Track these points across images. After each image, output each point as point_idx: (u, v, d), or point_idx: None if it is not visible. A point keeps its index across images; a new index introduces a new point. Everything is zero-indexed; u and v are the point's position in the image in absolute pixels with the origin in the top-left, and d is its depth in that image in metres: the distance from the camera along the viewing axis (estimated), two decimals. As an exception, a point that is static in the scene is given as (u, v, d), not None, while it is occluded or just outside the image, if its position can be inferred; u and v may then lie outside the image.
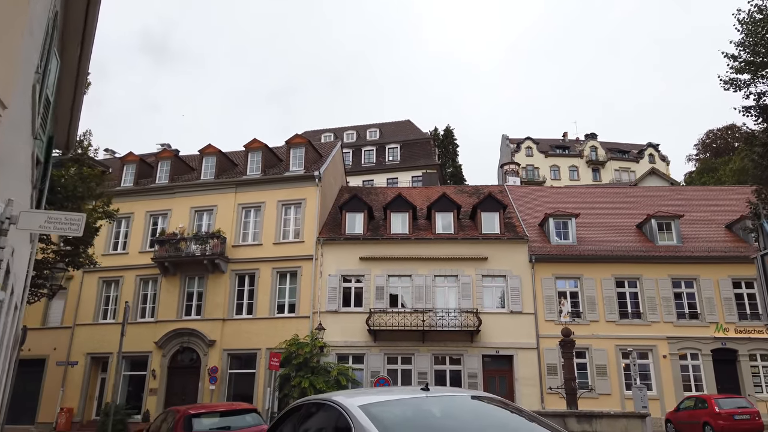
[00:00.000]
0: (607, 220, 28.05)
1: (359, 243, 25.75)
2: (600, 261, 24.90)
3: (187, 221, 27.21)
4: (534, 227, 27.25)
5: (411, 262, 25.30)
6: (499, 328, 24.12)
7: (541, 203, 29.02)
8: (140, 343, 25.84)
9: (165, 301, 26.27)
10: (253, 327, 25.17)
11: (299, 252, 25.77)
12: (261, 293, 25.60)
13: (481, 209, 26.25)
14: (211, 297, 25.85)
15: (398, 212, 26.48)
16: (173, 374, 25.48)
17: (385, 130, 53.76)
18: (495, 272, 25.02)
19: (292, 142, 27.98)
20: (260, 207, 26.94)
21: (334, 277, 25.28)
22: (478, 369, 23.75)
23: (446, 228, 26.15)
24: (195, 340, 25.38)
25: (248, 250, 26.36)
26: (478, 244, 25.47)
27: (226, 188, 27.45)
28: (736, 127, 56.23)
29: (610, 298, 24.40)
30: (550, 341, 23.30)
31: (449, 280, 25.24)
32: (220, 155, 28.74)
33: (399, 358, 24.34)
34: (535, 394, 23.29)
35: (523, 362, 23.73)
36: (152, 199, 28.24)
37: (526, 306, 24.42)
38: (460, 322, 23.71)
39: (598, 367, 23.50)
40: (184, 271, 26.43)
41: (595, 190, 32.53)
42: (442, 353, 24.17)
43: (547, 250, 25.31)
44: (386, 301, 24.86)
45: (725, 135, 57.60)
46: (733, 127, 56.56)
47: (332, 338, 24.37)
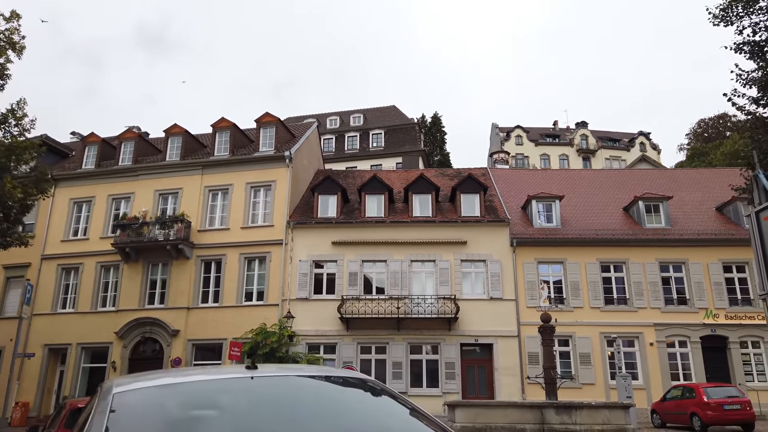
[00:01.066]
0: (593, 202, 26.81)
1: (332, 227, 24.39)
2: (585, 244, 23.67)
3: (150, 205, 25.73)
4: (517, 210, 25.99)
5: (386, 246, 23.98)
6: (479, 316, 22.88)
7: (525, 186, 27.73)
8: (101, 334, 24.45)
9: (127, 289, 24.83)
10: (219, 316, 23.80)
11: (268, 237, 24.38)
12: (228, 280, 24.22)
13: (460, 191, 24.93)
14: (175, 284, 24.44)
15: (373, 194, 25.10)
16: (135, 366, 24.03)
17: (369, 115, 52.30)
18: (474, 257, 23.74)
19: (262, 121, 26.50)
20: (228, 190, 25.50)
21: (305, 262, 23.92)
22: (456, 358, 22.50)
23: (424, 211, 24.82)
24: (158, 330, 23.98)
25: (215, 235, 24.94)
26: (457, 228, 24.17)
27: (192, 170, 25.97)
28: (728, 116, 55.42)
29: (594, 284, 23.19)
30: (532, 329, 21.99)
31: (426, 266, 23.94)
32: (187, 136, 27.24)
33: (373, 348, 23.06)
34: (515, 384, 22.10)
35: (504, 351, 22.52)
36: (114, 182, 26.73)
37: (507, 292, 23.18)
38: (437, 309, 22.45)
39: (581, 355, 22.32)
40: (146, 257, 24.99)
41: (582, 173, 31.29)
42: (419, 342, 22.91)
43: (529, 234, 24.06)
44: (360, 287, 23.55)
45: (717, 124, 56.71)
46: (724, 116, 55.78)
47: (302, 327, 23.04)
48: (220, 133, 26.76)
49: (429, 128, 63.14)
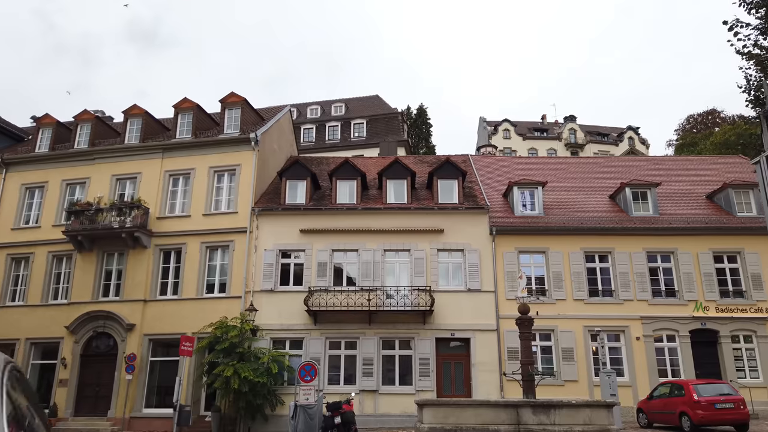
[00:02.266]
0: (578, 190, 25.47)
1: (300, 214, 22.83)
2: (568, 233, 22.30)
3: (107, 191, 24.03)
4: (498, 198, 24.57)
5: (358, 235, 22.47)
6: (455, 308, 21.45)
7: (508, 173, 26.35)
8: (51, 328, 22.78)
9: (80, 281, 23.12)
10: (178, 309, 22.17)
11: (232, 224, 22.78)
12: (188, 271, 22.59)
13: (437, 176, 23.46)
14: (132, 275, 22.77)
15: (345, 180, 23.57)
16: (87, 363, 22.40)
17: (351, 105, 50.69)
18: (452, 246, 22.30)
19: (228, 101, 24.85)
20: (190, 174, 23.85)
21: (271, 251, 22.34)
22: (430, 354, 21.06)
23: (399, 197, 23.33)
24: (112, 324, 22.31)
25: (175, 223, 23.29)
26: (433, 215, 22.70)
27: (152, 153, 24.29)
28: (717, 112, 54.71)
29: (578, 274, 21.83)
30: (512, 322, 20.48)
31: (401, 255, 22.45)
32: (148, 118, 25.53)
33: (342, 343, 21.55)
34: (494, 381, 20.70)
35: (482, 345, 21.11)
36: (69, 166, 24.98)
37: (486, 283, 21.76)
38: (411, 302, 20.97)
39: (564, 350, 20.95)
40: (101, 246, 23.30)
41: (567, 161, 29.92)
42: (391, 336, 21.43)
43: (509, 222, 22.64)
44: (329, 278, 22.02)
45: (706, 120, 55.88)
46: (713, 111, 55.16)
47: (267, 321, 21.52)
48: (182, 114, 25.08)
49: (414, 120, 61.67)
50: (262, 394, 19.39)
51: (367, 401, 20.59)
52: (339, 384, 21.04)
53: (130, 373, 21.11)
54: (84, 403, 21.92)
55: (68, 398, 21.79)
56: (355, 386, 20.77)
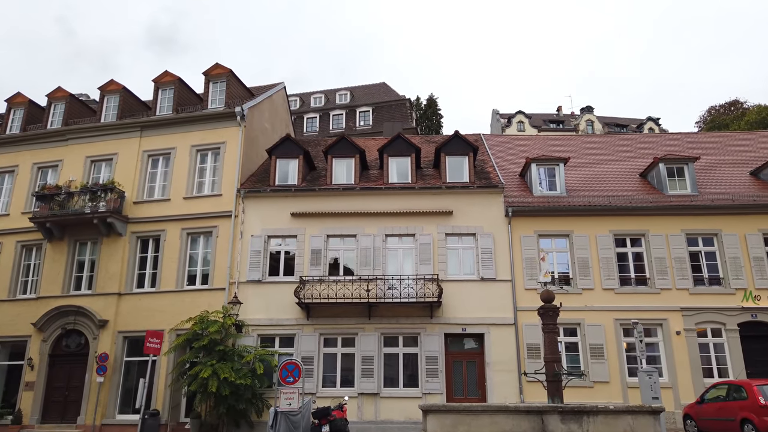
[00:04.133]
0: (604, 167, 22.73)
1: (291, 196, 20.36)
2: (595, 214, 19.59)
3: (80, 174, 21.77)
4: (514, 178, 21.94)
5: (356, 218, 19.96)
6: (467, 300, 18.84)
7: (524, 152, 23.70)
8: (19, 326, 20.56)
9: (49, 273, 20.86)
10: (156, 303, 19.81)
11: (215, 208, 20.37)
12: (167, 260, 20.22)
13: (445, 153, 20.87)
14: (105, 266, 20.46)
15: (342, 158, 21.07)
16: (56, 364, 20.12)
17: (356, 93, 48.23)
18: (462, 230, 19.70)
19: (212, 74, 22.46)
20: (170, 154, 21.50)
21: (258, 238, 19.90)
22: (439, 351, 18.46)
23: (402, 177, 20.79)
24: (83, 321, 20.00)
25: (153, 208, 20.95)
26: (441, 196, 20.12)
27: (130, 131, 21.97)
28: (740, 103, 51.99)
29: (607, 260, 19.11)
30: (532, 315, 17.95)
31: (405, 241, 19.90)
32: (126, 94, 23.24)
33: (339, 340, 19.04)
34: (512, 382, 18.05)
35: (498, 342, 18.47)
36: (41, 148, 22.77)
37: (501, 271, 19.13)
38: (416, 292, 18.38)
39: (592, 347, 18.24)
40: (72, 234, 21.03)
41: (590, 138, 27.16)
42: (394, 332, 18.87)
43: (527, 202, 19.98)
44: (324, 267, 19.52)
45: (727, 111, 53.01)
46: (736, 102, 52.61)
47: (254, 315, 19.10)
48: (163, 90, 22.77)
49: (424, 111, 59.18)
50: (245, 398, 16.94)
51: (367, 406, 18.05)
52: (335, 386, 18.52)
53: (101, 375, 18.77)
54: (52, 408, 19.63)
55: (34, 403, 19.52)
56: (354, 389, 18.25)
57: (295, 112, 45.66)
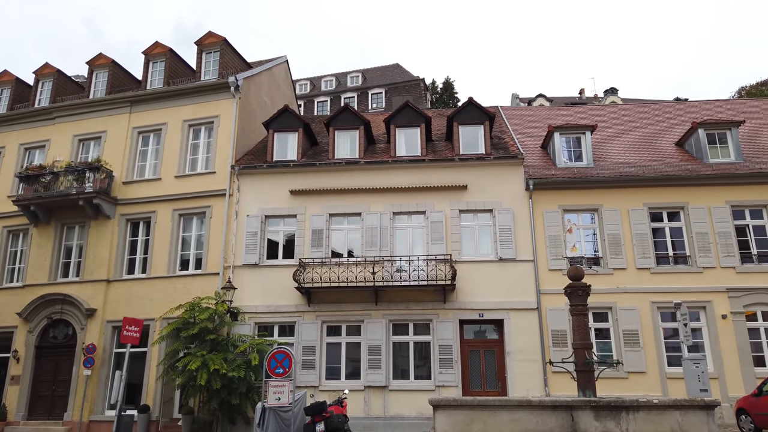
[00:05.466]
0: (635, 136, 20.62)
1: (290, 172, 18.69)
2: (627, 185, 17.56)
3: (68, 153, 20.38)
4: (535, 150, 19.96)
5: (361, 195, 18.21)
6: (484, 282, 16.99)
7: (545, 124, 21.62)
8: (5, 316, 19.28)
9: (36, 259, 19.54)
10: (147, 290, 18.35)
11: (208, 187, 18.81)
12: (158, 244, 18.73)
13: (458, 122, 18.97)
14: (93, 251, 19.05)
15: (345, 130, 19.30)
16: (43, 356, 18.81)
17: (369, 75, 46.45)
18: (478, 206, 17.82)
19: (205, 43, 20.84)
20: (161, 130, 19.97)
21: (255, 218, 18.28)
22: (453, 340, 16.66)
23: (411, 149, 18.96)
24: (70, 310, 18.64)
25: (143, 188, 19.46)
26: (454, 169, 18.25)
27: (118, 107, 20.48)
28: (772, 81, 49.57)
29: (642, 237, 17.08)
30: (557, 298, 16.16)
31: (414, 219, 18.10)
32: (115, 68, 21.78)
33: (343, 328, 17.36)
34: (535, 373, 16.17)
35: (519, 329, 16.60)
36: (27, 127, 21.43)
37: (522, 251, 17.22)
38: (427, 275, 16.58)
39: (626, 333, 16.26)
40: (59, 218, 19.67)
41: (618, 108, 24.89)
42: (403, 319, 17.12)
43: (550, 174, 18.00)
44: (326, 249, 17.83)
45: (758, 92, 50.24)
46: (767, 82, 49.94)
47: (251, 302, 17.52)
48: (154, 62, 21.25)
49: (440, 95, 57.15)
50: (239, 392, 15.35)
51: (375, 400, 16.36)
52: (340, 379, 16.85)
53: (88, 368, 17.40)
54: (39, 403, 18.33)
55: (20, 398, 18.24)
56: (360, 381, 16.57)
57: (305, 96, 44.16)
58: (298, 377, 16.65)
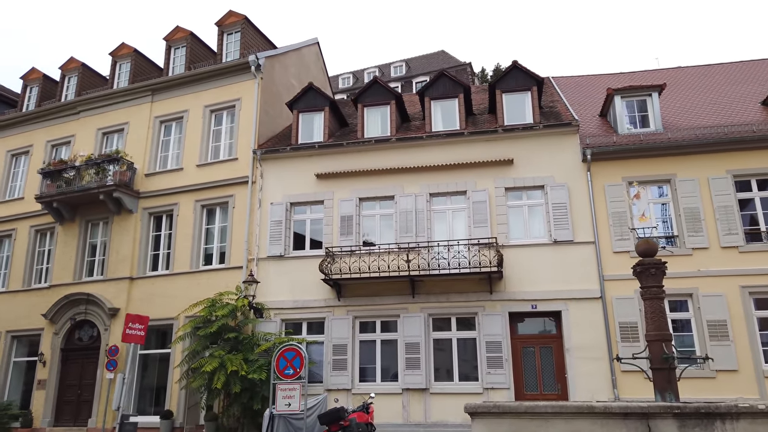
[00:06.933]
0: (710, 97, 17.80)
1: (315, 154, 17.07)
2: (705, 150, 14.88)
3: (92, 148, 19.61)
4: (592, 119, 17.54)
5: (394, 176, 16.37)
6: (536, 269, 14.76)
7: (603, 90, 19.08)
8: (33, 318, 18.65)
9: (61, 258, 18.83)
10: (170, 286, 17.20)
11: (231, 174, 17.48)
12: (181, 237, 17.56)
13: (501, 89, 16.81)
14: (117, 248, 18.11)
15: (374, 105, 17.51)
16: (69, 359, 18.01)
17: (413, 64, 44.60)
18: (526, 182, 15.60)
19: (225, 23, 19.60)
20: (182, 118, 18.85)
21: (279, 206, 16.77)
22: (502, 335, 14.50)
23: (449, 123, 16.94)
24: (94, 310, 17.74)
25: (165, 179, 18.38)
26: (497, 142, 16.10)
27: (140, 97, 19.54)
28: None
29: (726, 210, 14.36)
30: (624, 285, 13.82)
31: (454, 200, 16.07)
32: (138, 57, 20.92)
33: (377, 324, 15.53)
34: (601, 372, 13.78)
35: (579, 321, 14.26)
36: (53, 124, 20.89)
37: (581, 231, 14.87)
38: (468, 261, 14.53)
39: (711, 324, 13.62)
40: (83, 214, 18.89)
41: (685, 70, 21.81)
42: (444, 312, 15.12)
43: (611, 142, 15.55)
44: (356, 237, 16.08)
45: None
46: None
47: (277, 297, 16.02)
48: (175, 48, 20.24)
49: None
50: (261, 396, 13.79)
51: (414, 404, 14.43)
52: (374, 381, 15.05)
53: (111, 371, 16.31)
54: (65, 409, 17.52)
55: (47, 403, 17.49)
56: (397, 383, 14.69)
57: (349, 89, 42.79)
58: (329, 379, 15.02)
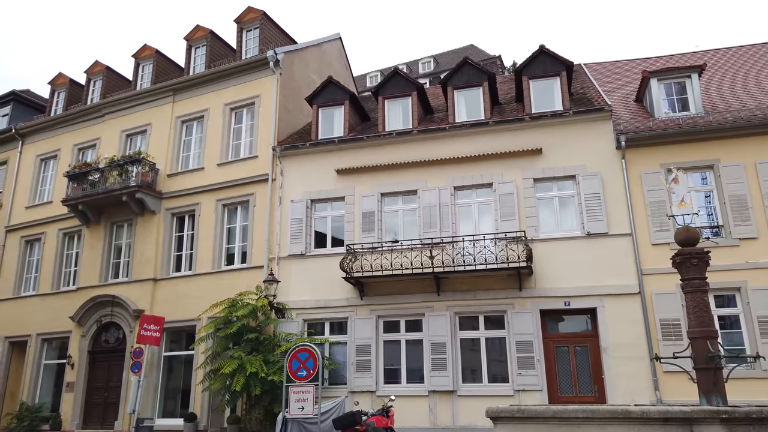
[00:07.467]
0: (755, 79, 16.57)
1: (335, 149, 16.60)
2: (753, 133, 13.78)
3: (116, 150, 19.63)
4: (626, 105, 16.57)
5: (417, 170, 15.75)
6: (569, 264, 13.92)
7: (637, 75, 18.03)
8: (62, 321, 18.73)
9: (88, 261, 18.89)
10: (192, 287, 16.99)
11: (251, 172, 17.18)
12: (203, 238, 17.36)
13: (528, 75, 16.00)
14: (140, 249, 18.04)
15: (395, 98, 16.94)
16: (96, 361, 18.01)
17: (441, 60, 43.87)
18: (557, 172, 14.76)
19: (244, 20, 19.34)
20: (203, 117, 18.67)
21: (299, 203, 16.37)
22: (534, 334, 13.71)
23: (473, 113, 16.23)
24: (119, 312, 17.70)
25: (186, 179, 18.22)
26: (525, 131, 15.31)
27: (162, 97, 19.46)
28: None
29: (777, 196, 13.24)
30: (664, 280, 12.85)
31: (480, 193, 15.35)
32: (160, 58, 20.90)
33: (402, 323, 14.94)
34: (641, 373, 12.86)
35: (616, 319, 13.36)
36: (80, 128, 21.05)
37: (616, 223, 13.96)
38: (495, 257, 13.79)
39: (762, 320, 12.54)
40: (108, 216, 18.90)
41: (725, 51, 20.40)
42: (471, 311, 14.42)
43: (648, 126, 14.56)
44: (378, 233, 15.53)
45: None
46: None
47: (299, 296, 15.61)
48: (195, 47, 20.13)
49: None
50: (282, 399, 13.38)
51: (441, 407, 13.78)
52: (400, 383, 14.47)
53: (136, 373, 16.19)
54: (93, 411, 17.52)
55: (75, 406, 17.52)
56: (424, 385, 14.07)
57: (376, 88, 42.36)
58: (353, 381, 14.52)
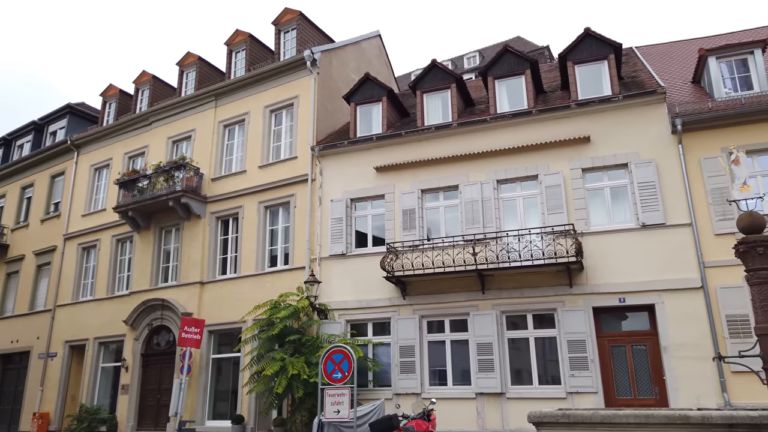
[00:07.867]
0: (832, 49, 15.09)
1: (373, 147, 16.29)
2: (826, 108, 12.52)
3: (163, 157, 20.06)
4: (682, 86, 15.48)
5: (458, 164, 15.22)
6: (623, 258, 13.06)
7: (693, 56, 16.85)
8: (117, 324, 19.29)
9: (139, 266, 19.38)
10: (238, 290, 17.09)
11: (291, 173, 17.12)
12: (246, 240, 17.44)
13: (573, 60, 15.18)
14: (188, 253, 18.32)
15: (434, 91, 16.47)
16: (149, 364, 18.41)
17: (487, 54, 42.83)
18: (607, 161, 13.90)
19: (281, 22, 19.32)
20: (244, 120, 18.79)
21: (339, 203, 16.15)
22: (587, 333, 12.93)
23: (515, 102, 15.55)
24: (169, 315, 18.01)
25: (229, 182, 18.37)
26: (571, 119, 14.52)
27: (205, 103, 19.73)
28: None
29: None
30: (730, 272, 11.82)
31: (525, 186, 14.66)
32: (202, 65, 21.21)
33: (446, 323, 14.45)
34: (707, 374, 11.86)
35: (677, 316, 12.41)
36: (129, 136, 21.65)
37: (673, 213, 12.99)
38: (542, 252, 13.10)
39: None
40: (157, 222, 19.32)
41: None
42: (518, 309, 13.76)
43: (706, 108, 13.50)
44: (419, 231, 15.10)
45: None
46: None
47: (341, 297, 15.41)
48: (236, 51, 20.30)
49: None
50: (322, 401, 13.18)
51: (490, 410, 13.21)
52: (445, 384, 13.99)
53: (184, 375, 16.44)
54: (146, 413, 17.90)
55: (129, 407, 17.95)
56: (471, 387, 13.54)
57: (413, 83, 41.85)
58: (397, 383, 14.15)
